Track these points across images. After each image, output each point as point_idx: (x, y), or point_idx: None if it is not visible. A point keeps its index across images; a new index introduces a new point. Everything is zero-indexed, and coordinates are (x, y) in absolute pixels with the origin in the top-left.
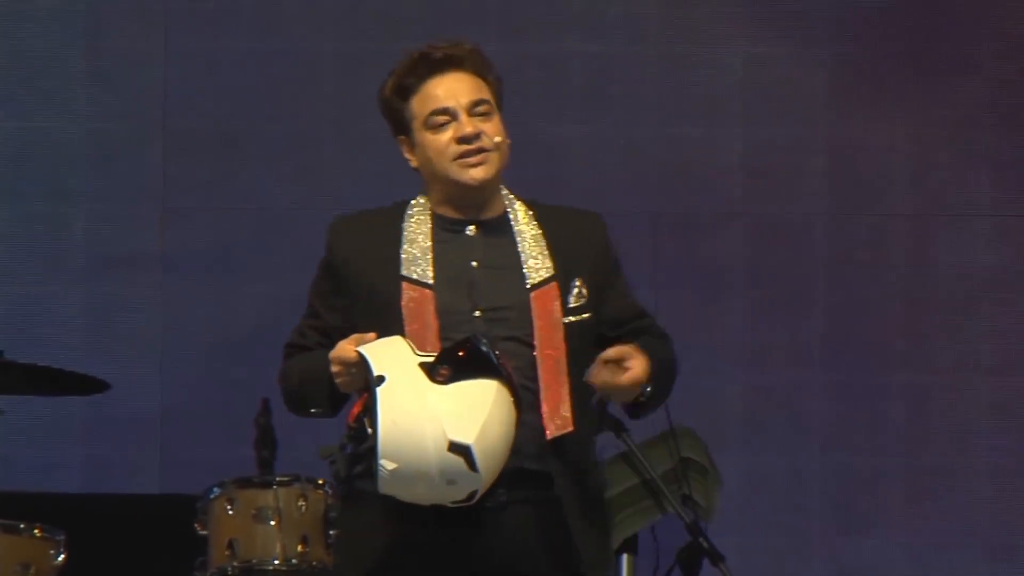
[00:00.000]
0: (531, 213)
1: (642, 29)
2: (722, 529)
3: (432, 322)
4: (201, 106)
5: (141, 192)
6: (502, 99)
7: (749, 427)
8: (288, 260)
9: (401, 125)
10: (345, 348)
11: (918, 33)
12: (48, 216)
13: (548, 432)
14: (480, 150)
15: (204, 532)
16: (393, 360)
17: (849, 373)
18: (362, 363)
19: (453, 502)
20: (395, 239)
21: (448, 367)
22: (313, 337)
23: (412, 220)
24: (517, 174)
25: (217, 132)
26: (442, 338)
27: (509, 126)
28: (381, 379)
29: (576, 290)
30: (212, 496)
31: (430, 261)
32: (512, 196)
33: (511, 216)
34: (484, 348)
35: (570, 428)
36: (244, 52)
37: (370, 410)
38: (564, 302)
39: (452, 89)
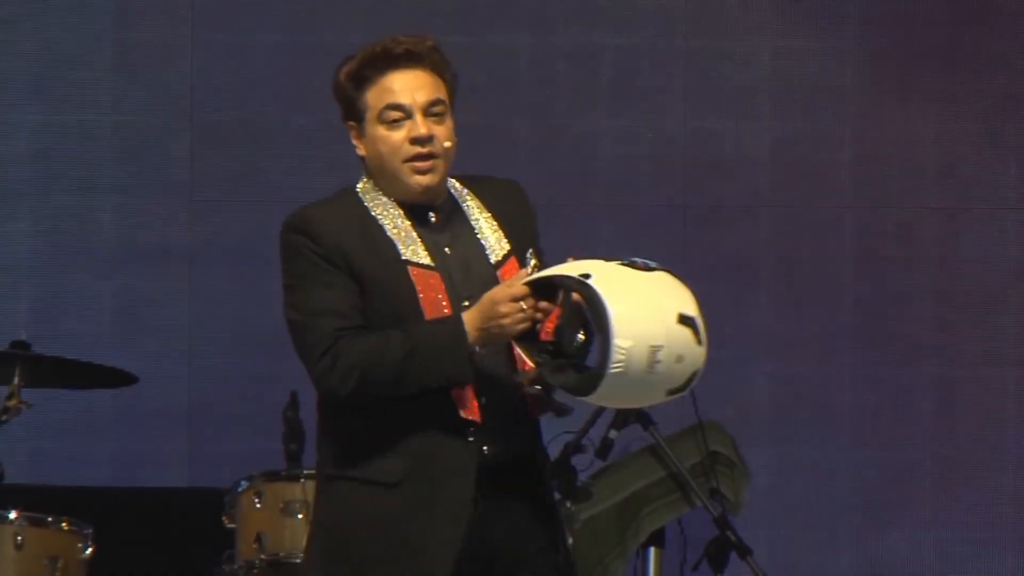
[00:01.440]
0: (469, 191)
1: (670, 22)
2: (750, 523)
3: (446, 302)
4: (229, 99)
5: (169, 185)
6: (455, 97)
7: (777, 420)
8: None
9: (352, 113)
10: (506, 288)
11: (946, 26)
12: (76, 209)
13: (531, 412)
14: (431, 155)
15: (232, 525)
16: (584, 265)
17: (877, 366)
18: (538, 288)
19: (671, 391)
20: (372, 225)
21: (640, 263)
22: (357, 317)
23: (377, 207)
24: (547, 167)
25: (245, 125)
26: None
27: (537, 118)
28: (587, 276)
29: (532, 261)
30: (240, 489)
31: (421, 245)
32: (451, 179)
33: (456, 197)
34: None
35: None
36: (272, 45)
37: (571, 318)
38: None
39: (410, 86)
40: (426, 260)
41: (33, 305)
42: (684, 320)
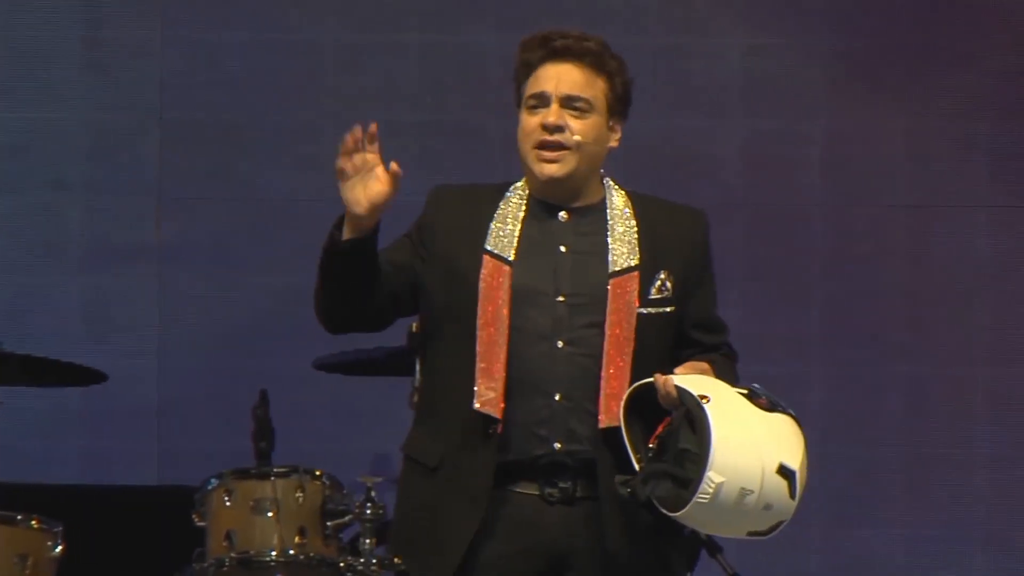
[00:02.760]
0: (630, 203)
1: (640, 20)
2: None
3: (506, 297)
4: (198, 97)
5: (138, 183)
6: (623, 103)
7: None
8: (286, 251)
9: (518, 99)
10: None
11: (916, 24)
12: (45, 207)
13: (601, 420)
14: (559, 145)
15: (202, 523)
16: (708, 384)
17: (847, 364)
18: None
19: (752, 532)
20: (488, 214)
21: (764, 398)
22: (387, 266)
23: (510, 200)
24: (519, 165)
25: (215, 123)
26: (513, 314)
27: (508, 117)
28: (705, 398)
29: (659, 282)
30: (210, 487)
31: (515, 239)
32: (614, 185)
33: (608, 204)
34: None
35: (619, 422)
36: (242, 42)
37: (678, 431)
38: (645, 292)
39: (557, 77)
40: (507, 253)
41: (2, 303)
42: (783, 471)
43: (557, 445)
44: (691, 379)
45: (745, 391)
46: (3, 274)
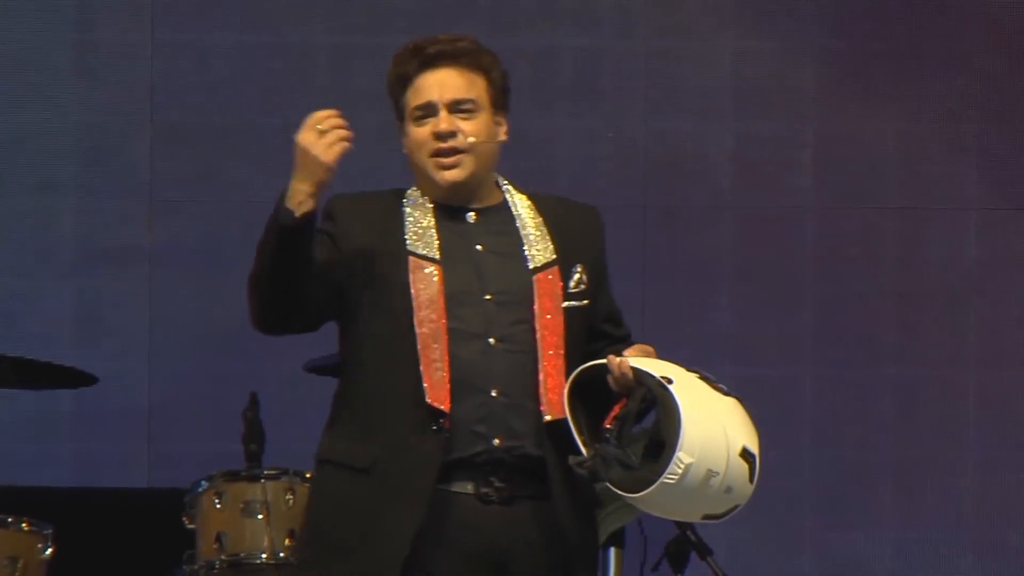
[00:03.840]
0: (530, 203)
1: (631, 23)
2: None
3: (439, 298)
4: (189, 99)
5: (129, 186)
6: (504, 96)
7: None
8: None
9: (398, 112)
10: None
11: (907, 27)
12: (36, 210)
13: (545, 416)
14: (453, 150)
15: (192, 526)
16: (666, 367)
17: (838, 366)
18: (636, 375)
19: (707, 515)
20: (397, 218)
21: (718, 383)
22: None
23: (414, 204)
24: (507, 167)
25: (205, 125)
26: (448, 316)
27: None
28: (669, 380)
29: (577, 276)
30: (200, 490)
31: (435, 239)
32: (510, 187)
33: (510, 204)
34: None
35: (564, 414)
36: (232, 45)
37: (637, 413)
38: (565, 286)
39: (439, 84)
40: (431, 252)
41: None
42: (746, 455)
43: (496, 441)
44: (647, 361)
45: (698, 374)
46: None
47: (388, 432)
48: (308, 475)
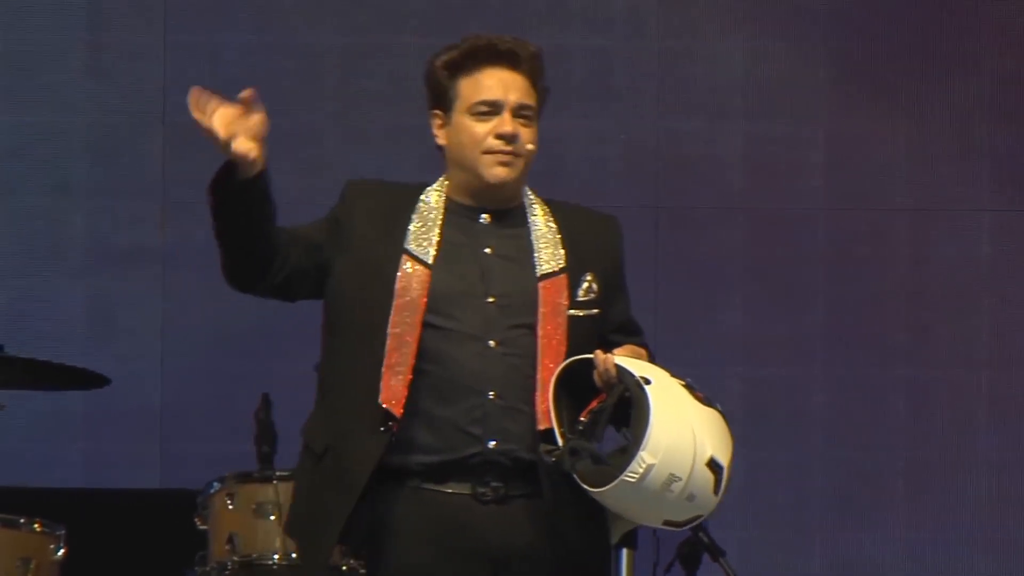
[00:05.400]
0: (547, 209)
1: (643, 24)
2: (722, 524)
3: (420, 301)
4: None
5: (141, 186)
6: (543, 108)
7: (750, 422)
8: None
9: (440, 100)
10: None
11: (918, 28)
12: (48, 210)
13: (540, 423)
14: (513, 153)
15: (204, 527)
16: (649, 369)
17: (849, 368)
18: (620, 372)
19: (668, 521)
20: (406, 213)
21: (701, 392)
22: (291, 238)
23: (428, 201)
24: None
25: None
26: (438, 316)
27: None
28: (647, 380)
29: (586, 284)
30: (212, 491)
31: (435, 241)
32: (531, 194)
33: (527, 210)
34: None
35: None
36: (244, 45)
37: (612, 409)
38: (572, 295)
39: (506, 84)
40: (427, 256)
41: (5, 306)
42: (713, 465)
43: (492, 444)
44: (633, 361)
45: (683, 382)
46: (6, 277)
47: (342, 423)
48: None
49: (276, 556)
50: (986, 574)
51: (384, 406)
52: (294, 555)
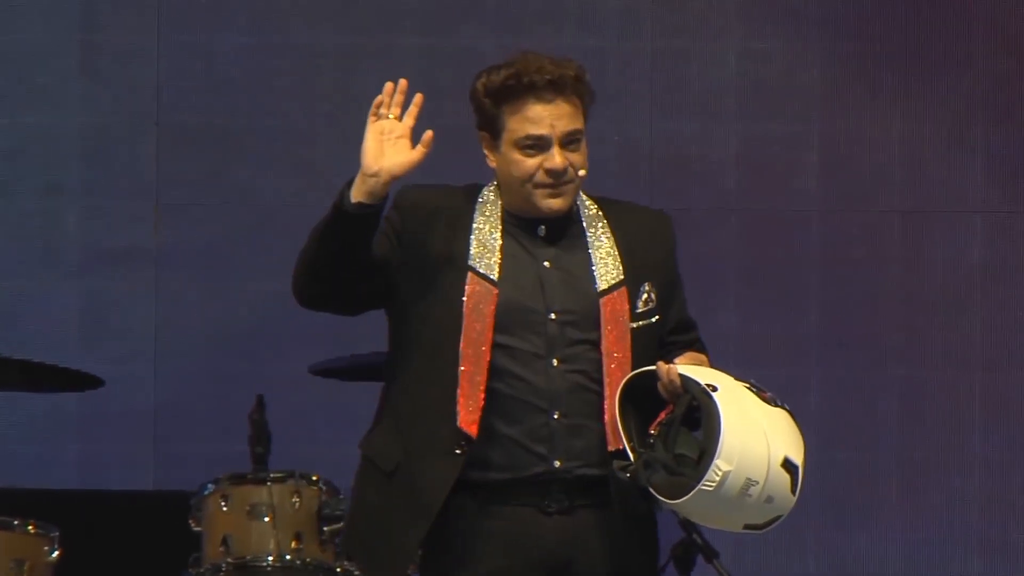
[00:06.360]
0: (600, 212)
1: (636, 24)
2: None
3: (489, 319)
4: (195, 101)
5: (135, 187)
6: (589, 111)
7: None
8: (282, 255)
9: (488, 126)
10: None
11: (912, 28)
12: (41, 211)
13: (610, 444)
14: (565, 182)
15: (198, 528)
16: (714, 375)
17: (843, 368)
18: (684, 381)
19: (748, 525)
20: (465, 225)
21: (766, 392)
22: None
23: (484, 211)
24: None
25: (211, 127)
26: (503, 334)
27: None
28: (713, 387)
29: (645, 295)
30: (206, 492)
31: (498, 257)
32: (582, 193)
33: (581, 215)
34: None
35: (622, 444)
36: (238, 46)
37: (682, 419)
38: (632, 307)
39: (551, 118)
40: (492, 272)
41: None
42: (788, 465)
43: (557, 463)
44: (696, 369)
45: (747, 384)
46: None
47: (414, 443)
48: (315, 477)
49: (270, 557)
50: (980, 574)
51: (461, 428)
52: (288, 557)
